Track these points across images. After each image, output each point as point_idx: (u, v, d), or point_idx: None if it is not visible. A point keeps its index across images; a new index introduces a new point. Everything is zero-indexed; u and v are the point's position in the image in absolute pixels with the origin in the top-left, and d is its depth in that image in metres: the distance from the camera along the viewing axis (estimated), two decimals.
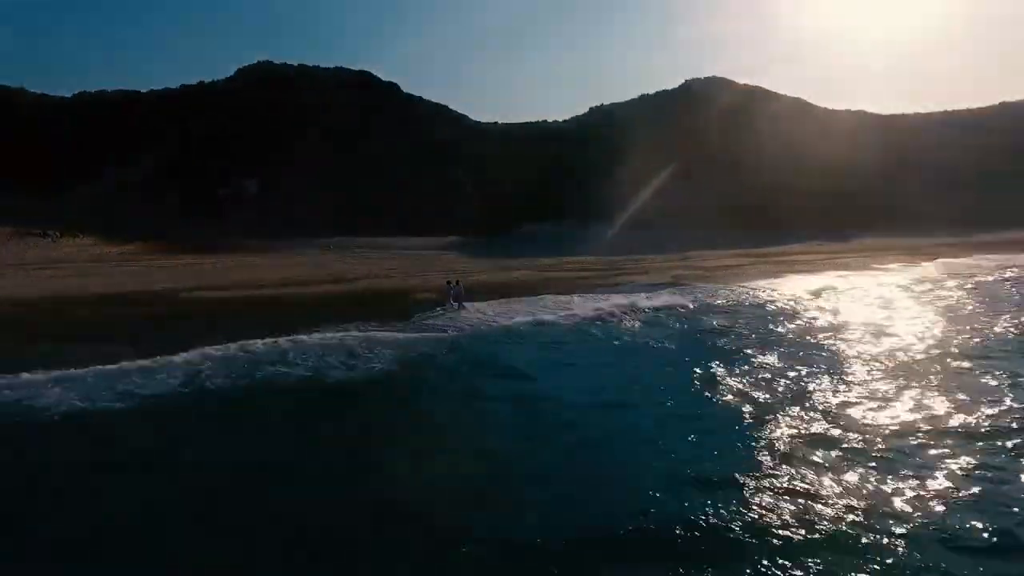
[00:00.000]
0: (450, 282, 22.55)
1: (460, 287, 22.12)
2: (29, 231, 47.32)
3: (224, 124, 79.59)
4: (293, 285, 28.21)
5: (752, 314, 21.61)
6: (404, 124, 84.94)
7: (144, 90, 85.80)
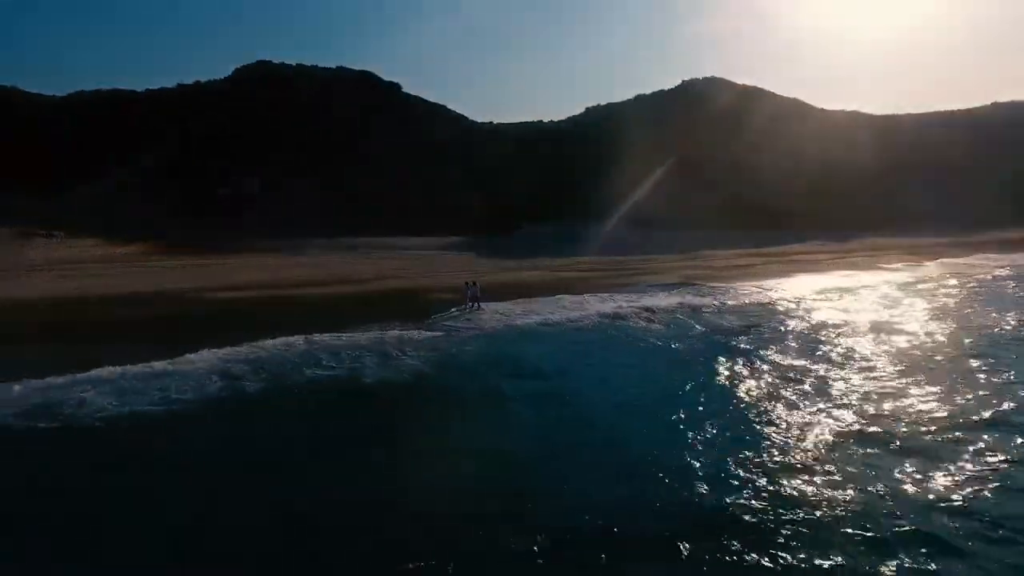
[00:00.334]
0: (468, 283, 22.48)
1: (477, 287, 22.11)
2: (34, 231, 46.98)
3: (224, 124, 79.36)
4: (309, 285, 28.30)
5: (770, 313, 21.86)
6: (404, 124, 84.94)
7: (140, 90, 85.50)
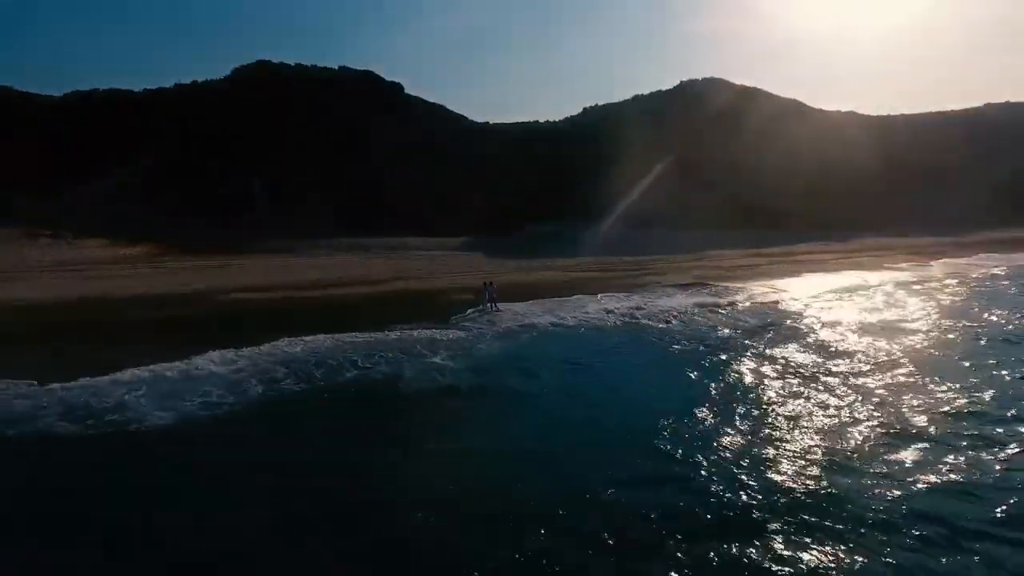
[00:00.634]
0: (486, 283, 22.73)
1: (494, 288, 22.38)
2: (40, 232, 46.71)
3: (224, 124, 79.10)
4: (329, 286, 28.43)
5: (786, 312, 22.14)
6: (405, 124, 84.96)
7: (139, 90, 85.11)
